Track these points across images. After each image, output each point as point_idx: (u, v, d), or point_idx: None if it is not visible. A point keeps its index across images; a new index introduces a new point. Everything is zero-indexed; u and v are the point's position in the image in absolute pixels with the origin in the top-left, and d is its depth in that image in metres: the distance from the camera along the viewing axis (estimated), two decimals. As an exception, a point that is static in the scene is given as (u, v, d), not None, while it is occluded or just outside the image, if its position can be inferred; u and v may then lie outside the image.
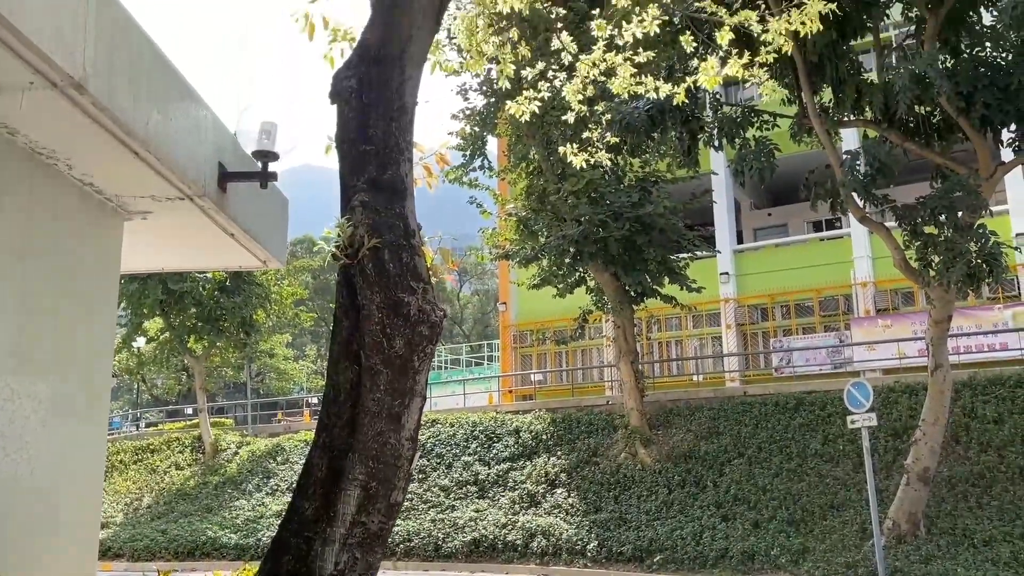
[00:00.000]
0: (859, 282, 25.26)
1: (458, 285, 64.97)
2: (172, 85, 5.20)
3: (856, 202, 13.33)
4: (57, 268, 4.66)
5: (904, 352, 22.09)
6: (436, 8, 4.44)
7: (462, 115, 21.41)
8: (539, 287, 21.90)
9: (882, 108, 12.15)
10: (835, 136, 14.59)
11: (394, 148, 4.03)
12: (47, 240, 4.55)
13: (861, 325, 24.32)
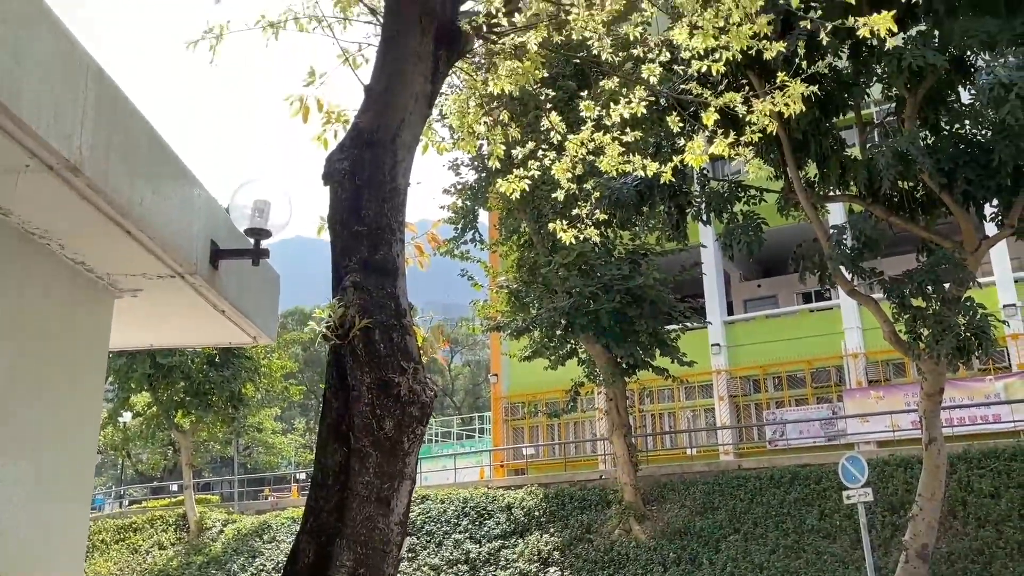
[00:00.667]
0: (850, 353, 25.29)
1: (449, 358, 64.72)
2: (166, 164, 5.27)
3: (844, 276, 13.45)
4: (46, 347, 4.63)
5: (898, 424, 21.99)
6: (428, 94, 4.54)
7: (454, 189, 21.71)
8: (531, 359, 21.84)
9: (866, 184, 12.37)
10: (821, 210, 14.81)
11: (386, 229, 4.07)
12: (36, 319, 4.52)
13: (853, 397, 24.25)
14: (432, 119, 6.95)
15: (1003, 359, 23.01)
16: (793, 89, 6.43)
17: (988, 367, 22.91)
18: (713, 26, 6.27)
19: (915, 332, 12.69)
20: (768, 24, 6.05)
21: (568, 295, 18.53)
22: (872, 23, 5.47)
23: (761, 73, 10.93)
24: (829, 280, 14.18)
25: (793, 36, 9.13)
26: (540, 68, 6.46)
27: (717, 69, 6.71)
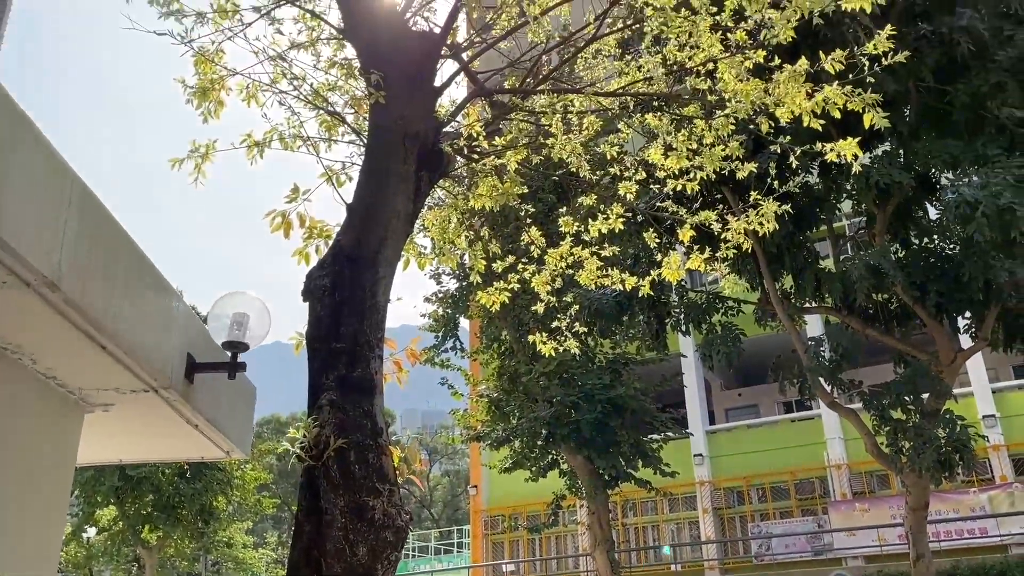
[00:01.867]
0: (833, 464, 25.05)
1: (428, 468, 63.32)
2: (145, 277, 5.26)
3: (824, 387, 13.48)
4: (10, 463, 4.49)
5: (885, 538, 21.58)
6: (410, 213, 4.62)
7: (435, 298, 21.80)
8: (511, 470, 21.42)
9: (841, 296, 12.57)
10: (798, 320, 14.99)
11: (365, 346, 4.05)
12: (2, 434, 4.41)
13: (839, 509, 23.87)
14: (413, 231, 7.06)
15: (986, 471, 22.87)
16: (766, 208, 6.61)
17: (972, 479, 22.73)
18: (686, 148, 6.49)
19: (897, 445, 12.64)
20: (739, 147, 6.26)
21: (549, 404, 18.38)
22: (839, 148, 5.69)
23: (735, 189, 11.27)
24: (809, 391, 14.20)
25: (764, 156, 9.48)
26: (520, 186, 6.63)
27: (692, 188, 6.92)
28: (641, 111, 7.30)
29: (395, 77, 4.64)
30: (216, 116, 5.32)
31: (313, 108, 5.53)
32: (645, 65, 6.89)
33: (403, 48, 4.88)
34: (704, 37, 6.19)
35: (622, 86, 6.78)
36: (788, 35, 5.56)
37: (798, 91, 5.65)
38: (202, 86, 5.27)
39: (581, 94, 6.46)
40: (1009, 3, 11.32)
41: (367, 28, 4.96)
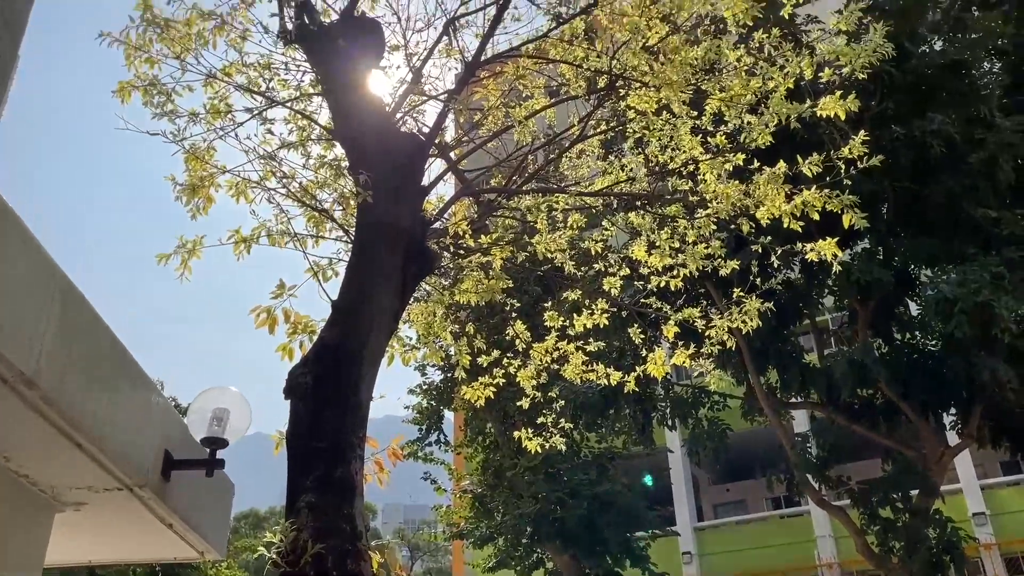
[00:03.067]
0: (824, 563, 24.49)
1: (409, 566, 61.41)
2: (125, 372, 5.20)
3: (811, 485, 13.32)
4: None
5: (879, 642, 20.92)
6: (395, 310, 4.63)
7: (419, 390, 21.61)
8: (495, 570, 20.80)
9: (826, 391, 12.57)
10: (785, 415, 14.92)
11: (346, 446, 3.99)
12: (-34, 537, 4.26)
13: (831, 610, 23.23)
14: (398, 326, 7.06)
15: (978, 569, 22.40)
16: (749, 306, 6.68)
17: (965, 578, 22.22)
18: (669, 246, 6.60)
19: (887, 545, 12.42)
20: (721, 246, 6.37)
21: (534, 500, 18.01)
22: (819, 248, 5.80)
23: (719, 284, 11.40)
24: (797, 488, 14.03)
25: (746, 253, 9.63)
26: (505, 281, 6.68)
27: (675, 284, 6.99)
28: (625, 209, 7.45)
29: (383, 177, 4.73)
30: (205, 212, 5.38)
31: (301, 205, 5.60)
32: (628, 165, 7.07)
33: (391, 149, 4.99)
34: (685, 140, 6.37)
35: (606, 185, 6.93)
36: (766, 140, 5.74)
37: (777, 193, 5.79)
38: (192, 183, 5.34)
39: (566, 194, 6.59)
40: (978, 108, 11.77)
41: (356, 129, 5.08)
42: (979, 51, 12.40)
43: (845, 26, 5.83)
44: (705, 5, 5.55)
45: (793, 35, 10.95)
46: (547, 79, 7.23)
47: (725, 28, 6.55)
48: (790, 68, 5.80)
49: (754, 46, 6.16)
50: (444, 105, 5.59)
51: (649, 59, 5.63)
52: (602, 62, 5.92)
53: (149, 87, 5.07)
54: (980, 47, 12.36)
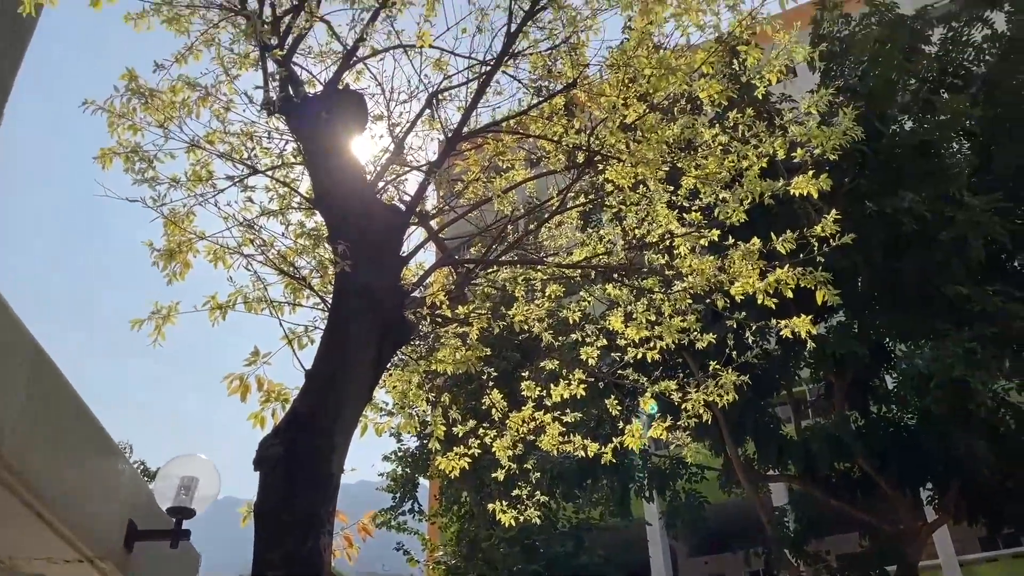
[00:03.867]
0: (804, 640, 24.00)
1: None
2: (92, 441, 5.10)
3: (790, 560, 13.16)
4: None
5: None
6: (370, 381, 4.60)
7: (394, 456, 21.29)
8: (468, 644, 20.20)
9: (803, 464, 12.52)
10: (763, 488, 14.82)
11: (315, 520, 3.91)
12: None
13: None
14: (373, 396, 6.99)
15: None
16: (725, 379, 6.70)
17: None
18: (646, 318, 6.64)
19: (866, 622, 12.24)
20: (697, 320, 6.42)
21: (510, 573, 17.62)
22: (794, 325, 5.86)
23: (696, 355, 11.42)
24: (775, 563, 13.84)
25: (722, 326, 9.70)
26: (482, 351, 6.67)
27: (652, 356, 7.02)
28: (603, 280, 7.52)
29: (362, 247, 4.75)
30: (181, 278, 5.36)
31: (279, 273, 5.60)
32: (606, 236, 7.17)
33: (371, 219, 5.02)
34: (661, 214, 6.48)
35: (584, 257, 7.00)
36: (740, 217, 5.85)
37: (751, 269, 5.88)
38: (169, 248, 5.33)
39: (544, 266, 6.64)
40: (948, 187, 12.07)
41: (336, 198, 5.12)
42: (948, 132, 12.78)
43: (816, 109, 6.01)
44: (681, 86, 5.71)
45: (768, 112, 11.26)
46: (527, 151, 7.36)
47: (701, 106, 6.73)
48: (764, 147, 5.95)
49: (729, 125, 6.33)
50: (425, 176, 5.66)
51: (626, 137, 5.75)
52: (581, 138, 6.04)
53: (131, 154, 5.10)
54: (949, 128, 12.75)
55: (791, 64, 6.11)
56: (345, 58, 5.70)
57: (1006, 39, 13.68)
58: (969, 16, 14.07)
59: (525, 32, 5.84)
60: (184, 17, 6.04)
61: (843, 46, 14.44)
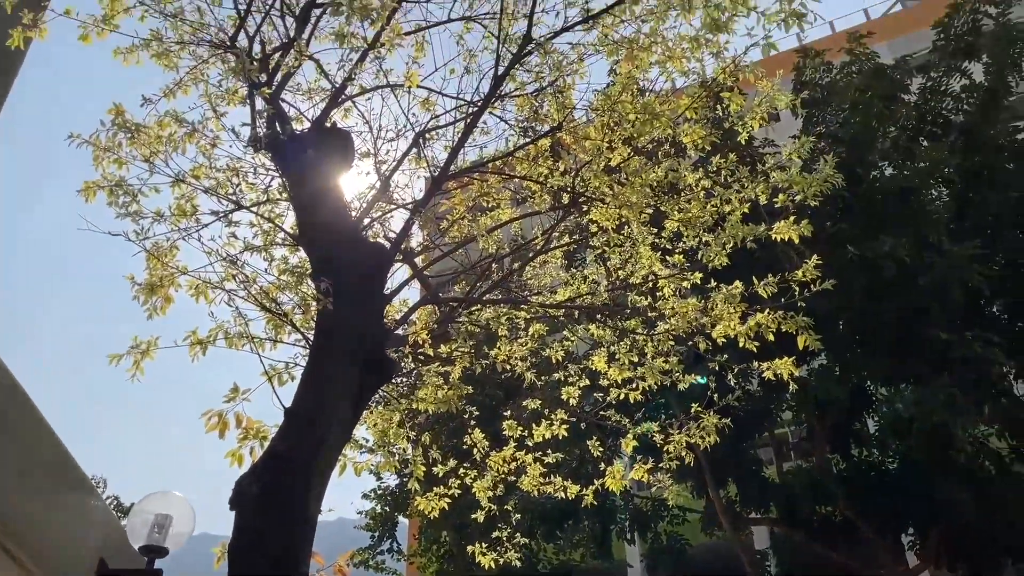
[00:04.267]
0: None
1: None
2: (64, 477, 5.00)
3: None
4: None
5: None
6: (350, 420, 4.56)
7: (373, 495, 21.04)
8: None
9: (785, 507, 12.49)
10: (744, 531, 14.73)
11: (291, 562, 3.84)
12: None
13: None
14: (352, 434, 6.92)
15: None
16: (707, 421, 6.69)
17: None
18: (628, 359, 6.64)
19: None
20: (679, 363, 6.43)
21: (489, 615, 17.35)
22: (776, 367, 5.88)
23: (678, 396, 11.42)
24: (758, 610, 13.72)
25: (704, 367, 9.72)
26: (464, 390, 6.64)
27: (635, 397, 7.01)
28: (586, 320, 7.53)
29: (346, 285, 4.74)
30: (163, 312, 5.32)
31: (261, 308, 5.57)
32: (590, 276, 7.19)
33: (356, 257, 5.02)
34: (644, 256, 6.52)
35: (567, 297, 7.01)
36: (723, 261, 5.89)
37: (734, 312, 5.91)
38: (151, 282, 5.30)
39: (528, 306, 6.65)
40: (928, 232, 12.24)
41: (321, 235, 5.11)
42: (927, 179, 13.00)
43: (798, 156, 6.09)
44: (665, 131, 5.78)
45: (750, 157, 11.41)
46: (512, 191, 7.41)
47: (684, 150, 6.82)
48: (746, 192, 6.02)
49: (712, 169, 6.40)
50: (411, 214, 5.67)
51: (610, 180, 5.81)
52: (566, 180, 6.09)
53: (115, 187, 5.09)
54: (928, 176, 12.97)
55: (774, 111, 6.20)
56: (333, 97, 5.74)
57: (983, 89, 13.99)
58: (947, 66, 14.39)
59: (512, 75, 5.91)
60: (174, 52, 6.09)
61: (824, 93, 14.72)
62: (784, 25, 5.69)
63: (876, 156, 13.88)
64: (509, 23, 6.01)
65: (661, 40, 5.85)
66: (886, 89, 14.16)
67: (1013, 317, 13.00)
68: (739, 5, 5.41)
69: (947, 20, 14.54)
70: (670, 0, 5.71)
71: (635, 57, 5.58)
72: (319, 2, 6.58)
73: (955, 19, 14.52)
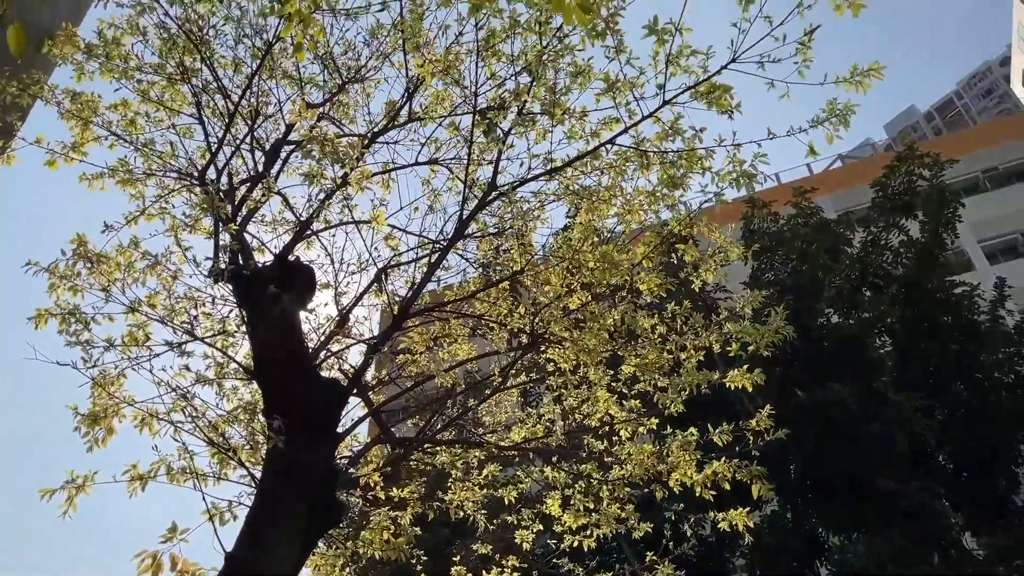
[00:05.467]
0: None
1: None
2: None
3: None
4: None
5: None
6: (295, 564, 4.34)
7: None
8: None
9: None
10: None
11: None
12: None
13: None
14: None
15: None
16: (662, 572, 6.54)
17: None
18: (583, 505, 6.52)
19: None
20: (635, 511, 6.34)
21: None
22: (731, 518, 5.82)
23: (631, 543, 11.17)
24: None
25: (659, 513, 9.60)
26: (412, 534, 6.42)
27: (588, 544, 6.83)
28: (541, 461, 7.42)
29: (298, 423, 4.64)
30: (104, 445, 5.11)
31: (208, 443, 5.39)
32: (546, 415, 7.15)
33: (310, 395, 4.93)
34: (601, 398, 6.53)
35: (523, 437, 6.94)
36: (679, 408, 5.93)
37: (689, 460, 5.89)
38: (94, 412, 5.12)
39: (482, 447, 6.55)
40: (873, 380, 12.52)
41: (276, 371, 5.03)
42: (871, 330, 13.43)
43: (750, 308, 6.26)
44: (622, 278, 5.92)
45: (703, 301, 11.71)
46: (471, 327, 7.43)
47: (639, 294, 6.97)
48: (701, 339, 6.13)
49: (667, 316, 6.53)
50: (368, 352, 5.64)
51: (569, 325, 5.88)
52: (524, 322, 6.15)
53: (68, 316, 5.00)
54: (872, 326, 13.40)
55: (726, 263, 6.42)
56: (298, 232, 5.81)
57: (920, 245, 14.72)
58: (886, 222, 15.17)
59: (476, 218, 6.06)
60: (140, 180, 6.15)
61: (772, 242, 15.34)
62: (736, 184, 5.99)
63: (823, 304, 14.35)
64: (474, 169, 6.23)
65: (620, 192, 6.10)
66: (830, 242, 14.84)
67: (958, 467, 13.17)
68: (694, 165, 5.69)
69: (884, 180, 15.45)
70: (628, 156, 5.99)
71: (595, 209, 5.79)
72: (290, 139, 6.77)
73: (891, 179, 15.44)
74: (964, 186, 24.92)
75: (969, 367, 13.29)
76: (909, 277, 14.55)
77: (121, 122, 6.00)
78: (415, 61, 5.76)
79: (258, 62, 5.95)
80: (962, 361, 13.29)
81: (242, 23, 6.13)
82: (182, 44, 5.85)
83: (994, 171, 27.36)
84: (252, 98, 6.45)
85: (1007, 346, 13.71)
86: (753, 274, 15.00)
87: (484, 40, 5.59)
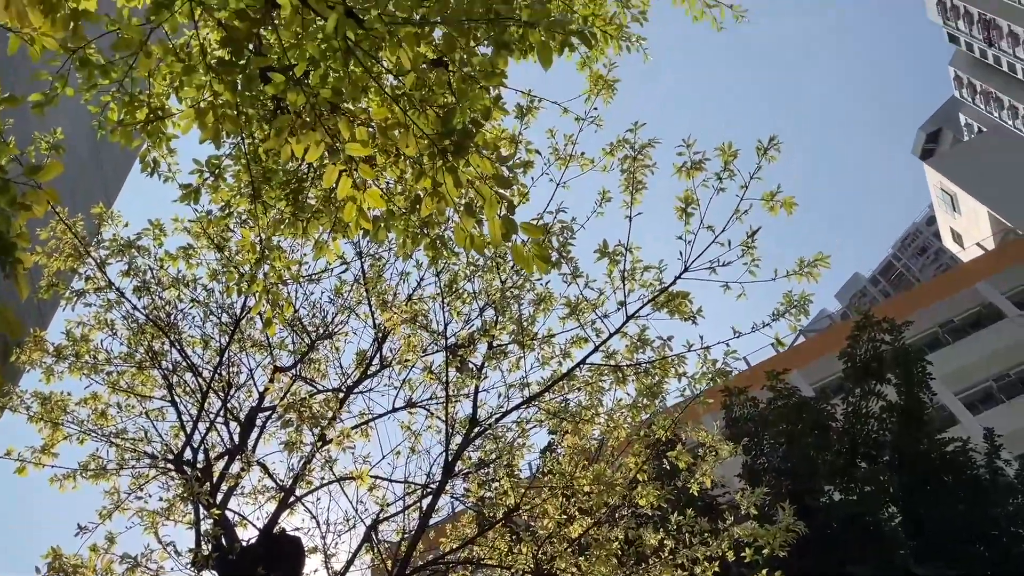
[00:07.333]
0: None
1: None
2: None
3: None
4: None
5: None
6: None
7: None
8: None
9: None
10: None
11: None
12: None
13: None
14: None
15: None
16: None
17: None
18: None
19: None
20: None
21: None
22: None
23: None
24: None
25: None
26: None
27: None
28: None
29: None
30: None
31: None
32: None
33: None
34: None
35: None
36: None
37: None
38: None
39: None
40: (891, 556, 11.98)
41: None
42: (874, 503, 13.09)
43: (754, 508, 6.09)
44: (618, 497, 5.76)
45: (706, 503, 11.38)
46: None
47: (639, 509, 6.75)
48: (711, 550, 5.88)
49: (672, 528, 6.30)
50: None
51: (574, 558, 5.63)
52: (528, 561, 5.86)
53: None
54: (875, 499, 13.08)
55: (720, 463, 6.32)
56: (282, 501, 5.61)
57: (900, 408, 14.71)
58: (862, 390, 15.23)
59: (463, 457, 5.96)
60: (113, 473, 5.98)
61: (756, 427, 15.25)
62: (712, 383, 6.04)
63: (820, 482, 14.01)
64: (453, 406, 6.20)
65: (601, 408, 6.09)
66: (814, 421, 14.80)
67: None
68: (668, 372, 5.75)
69: (850, 350, 15.70)
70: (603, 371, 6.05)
71: (578, 431, 5.75)
72: (264, 406, 6.72)
73: (856, 348, 15.70)
74: (926, 342, 25.41)
75: (982, 524, 12.88)
76: (899, 442, 14.40)
77: (92, 416, 5.92)
78: (383, 315, 5.90)
79: (227, 337, 6.03)
80: (974, 520, 12.88)
81: (209, 302, 6.29)
82: (150, 331, 5.94)
83: (950, 323, 28.07)
84: (223, 370, 6.48)
85: (1013, 496, 13.40)
86: (745, 463, 14.75)
87: (447, 285, 5.78)
